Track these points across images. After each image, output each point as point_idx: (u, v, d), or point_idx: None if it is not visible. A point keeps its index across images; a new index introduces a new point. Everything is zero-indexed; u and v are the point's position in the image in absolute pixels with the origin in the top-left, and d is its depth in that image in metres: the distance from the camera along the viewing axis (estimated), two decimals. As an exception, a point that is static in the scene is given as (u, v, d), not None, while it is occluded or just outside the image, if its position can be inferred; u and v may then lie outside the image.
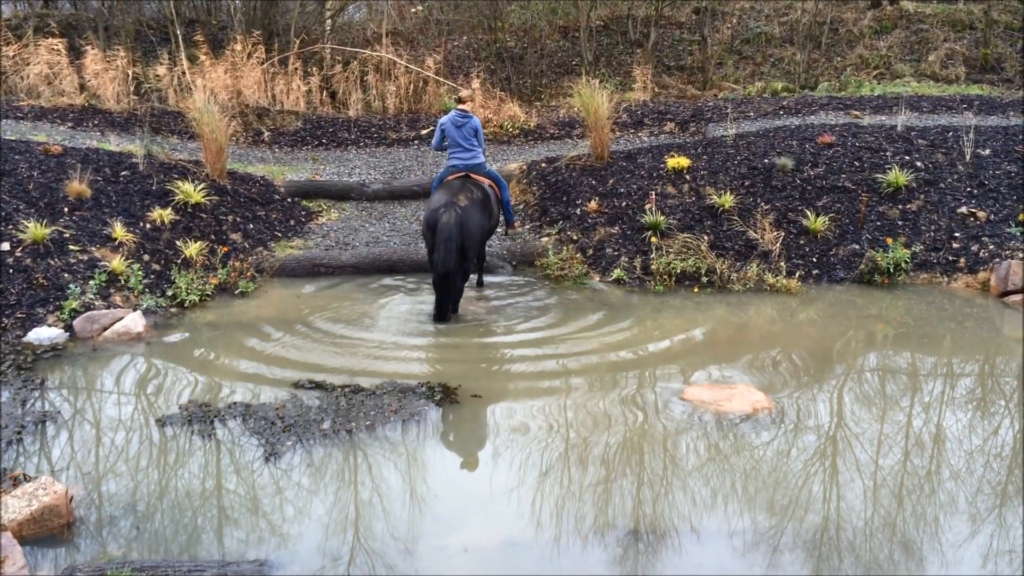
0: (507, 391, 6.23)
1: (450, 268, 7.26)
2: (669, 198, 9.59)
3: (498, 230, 9.22)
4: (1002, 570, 4.15)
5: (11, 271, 7.61)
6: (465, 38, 17.12)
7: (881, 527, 4.48)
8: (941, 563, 4.23)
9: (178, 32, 14.09)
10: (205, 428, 5.55)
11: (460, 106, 8.00)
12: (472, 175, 7.88)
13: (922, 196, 9.33)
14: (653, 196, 9.49)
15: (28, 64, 13.03)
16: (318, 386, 6.18)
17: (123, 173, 9.46)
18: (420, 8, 17.77)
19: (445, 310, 7.44)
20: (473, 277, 8.57)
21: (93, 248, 8.17)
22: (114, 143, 10.87)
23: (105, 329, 7.17)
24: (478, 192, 7.68)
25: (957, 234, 8.91)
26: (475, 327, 7.47)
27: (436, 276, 7.35)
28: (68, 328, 7.23)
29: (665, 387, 6.19)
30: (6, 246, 7.80)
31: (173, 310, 7.88)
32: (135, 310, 7.52)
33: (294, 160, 12.03)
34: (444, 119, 7.99)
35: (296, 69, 13.91)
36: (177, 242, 8.67)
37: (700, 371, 6.51)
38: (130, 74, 13.23)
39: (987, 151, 9.96)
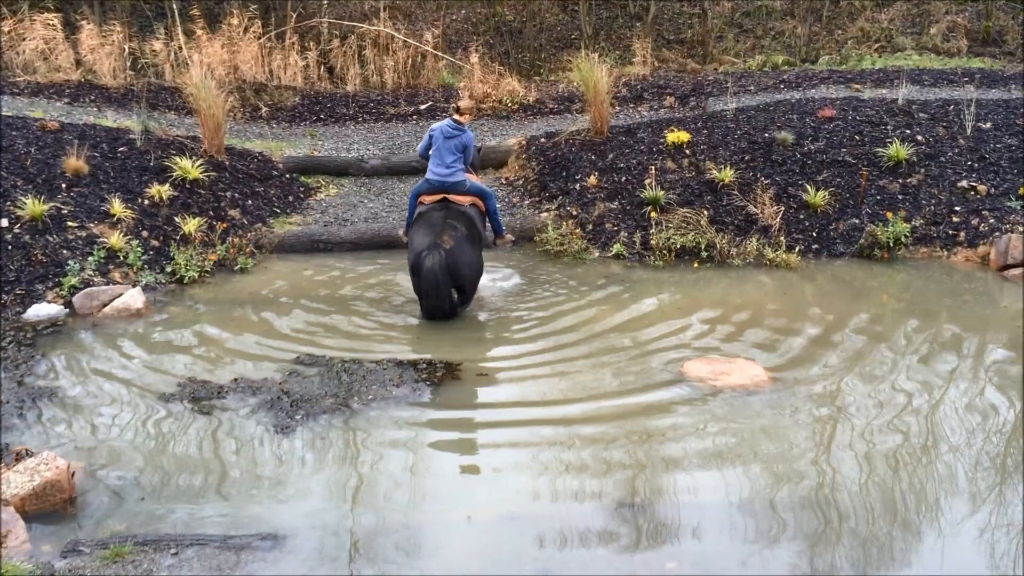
0: (507, 368, 6.24)
1: (445, 311, 7.00)
2: (669, 173, 9.55)
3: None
4: (999, 541, 4.18)
5: (10, 248, 7.60)
6: (463, 12, 16.96)
7: (879, 501, 4.51)
8: (938, 535, 4.27)
9: (174, 6, 13.96)
10: (205, 403, 5.57)
11: (456, 116, 7.34)
12: (450, 196, 7.27)
13: (923, 170, 9.30)
14: (653, 171, 9.46)
15: (24, 39, 12.90)
16: (319, 362, 6.19)
17: (120, 149, 9.42)
18: (418, -19, 17.57)
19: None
20: None
21: (91, 224, 8.16)
22: (111, 119, 10.81)
23: (104, 305, 7.17)
24: (462, 226, 7.08)
25: (957, 208, 8.89)
26: (476, 304, 7.46)
27: (427, 317, 7.07)
28: (68, 304, 7.24)
29: (664, 362, 6.20)
30: (4, 223, 7.78)
31: (172, 286, 7.88)
32: (134, 286, 7.51)
33: (292, 136, 11.97)
34: (436, 126, 7.36)
35: (293, 44, 13.79)
36: (175, 218, 8.65)
37: (699, 346, 6.52)
38: (126, 49, 13.11)
39: (988, 124, 9.91)
